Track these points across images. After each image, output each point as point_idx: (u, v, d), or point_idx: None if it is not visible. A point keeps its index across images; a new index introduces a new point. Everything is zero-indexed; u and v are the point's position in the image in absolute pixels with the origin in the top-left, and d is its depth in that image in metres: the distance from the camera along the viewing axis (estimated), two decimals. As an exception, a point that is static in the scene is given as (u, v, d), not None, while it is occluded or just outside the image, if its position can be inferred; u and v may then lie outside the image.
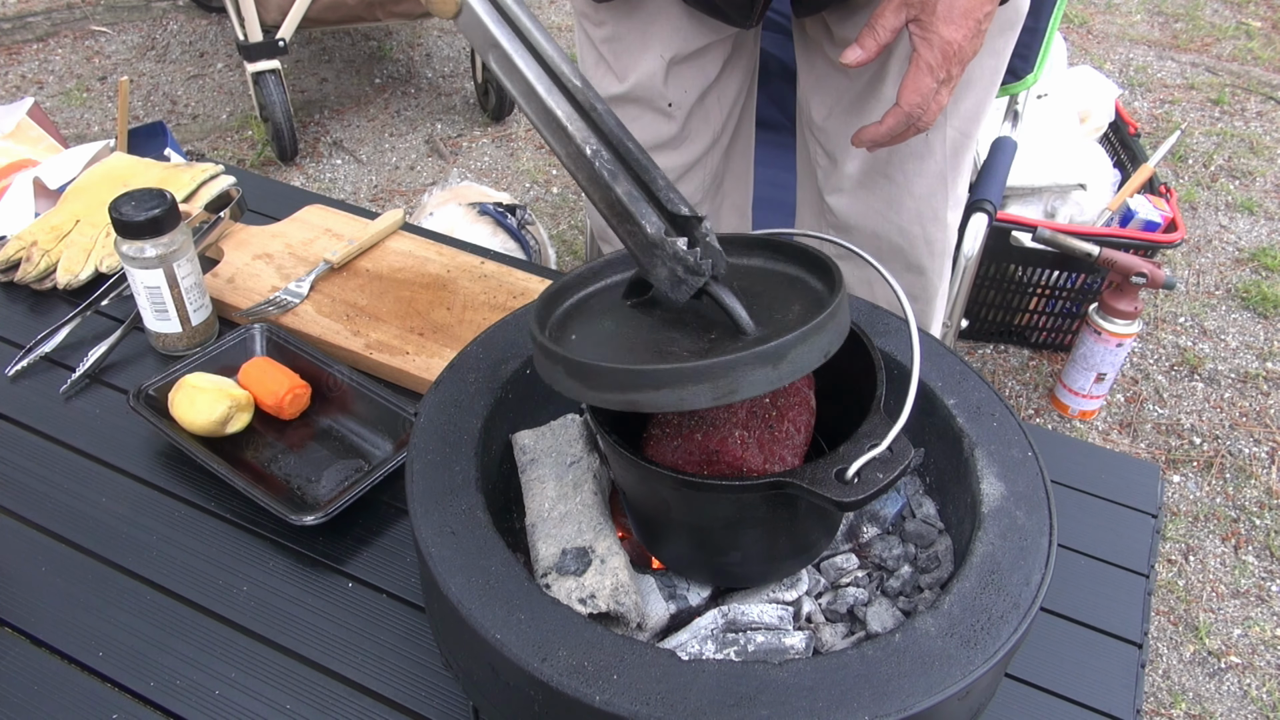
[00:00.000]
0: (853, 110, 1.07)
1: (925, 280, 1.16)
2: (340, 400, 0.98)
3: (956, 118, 1.04)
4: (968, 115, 1.06)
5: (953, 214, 1.12)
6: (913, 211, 1.09)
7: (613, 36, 1.11)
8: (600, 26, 1.12)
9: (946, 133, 1.05)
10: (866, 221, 1.12)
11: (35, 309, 1.12)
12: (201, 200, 1.21)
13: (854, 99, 1.06)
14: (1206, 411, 2.14)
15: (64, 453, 0.94)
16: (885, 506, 0.73)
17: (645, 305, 0.63)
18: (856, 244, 1.12)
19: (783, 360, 0.53)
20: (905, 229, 1.11)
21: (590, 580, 0.63)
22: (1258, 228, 2.70)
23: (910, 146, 1.04)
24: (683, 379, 0.52)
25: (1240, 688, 1.63)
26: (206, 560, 0.85)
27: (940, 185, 1.08)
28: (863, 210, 1.11)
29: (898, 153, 1.05)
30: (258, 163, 2.83)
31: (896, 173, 1.07)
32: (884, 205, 1.10)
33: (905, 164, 1.06)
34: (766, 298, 0.62)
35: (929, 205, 1.09)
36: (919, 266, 1.14)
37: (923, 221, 1.10)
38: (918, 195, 1.08)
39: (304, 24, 2.62)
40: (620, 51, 1.12)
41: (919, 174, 1.07)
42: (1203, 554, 1.85)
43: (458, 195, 2.05)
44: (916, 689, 0.53)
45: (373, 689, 0.76)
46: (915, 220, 1.10)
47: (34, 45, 3.34)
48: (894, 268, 1.13)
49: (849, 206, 1.12)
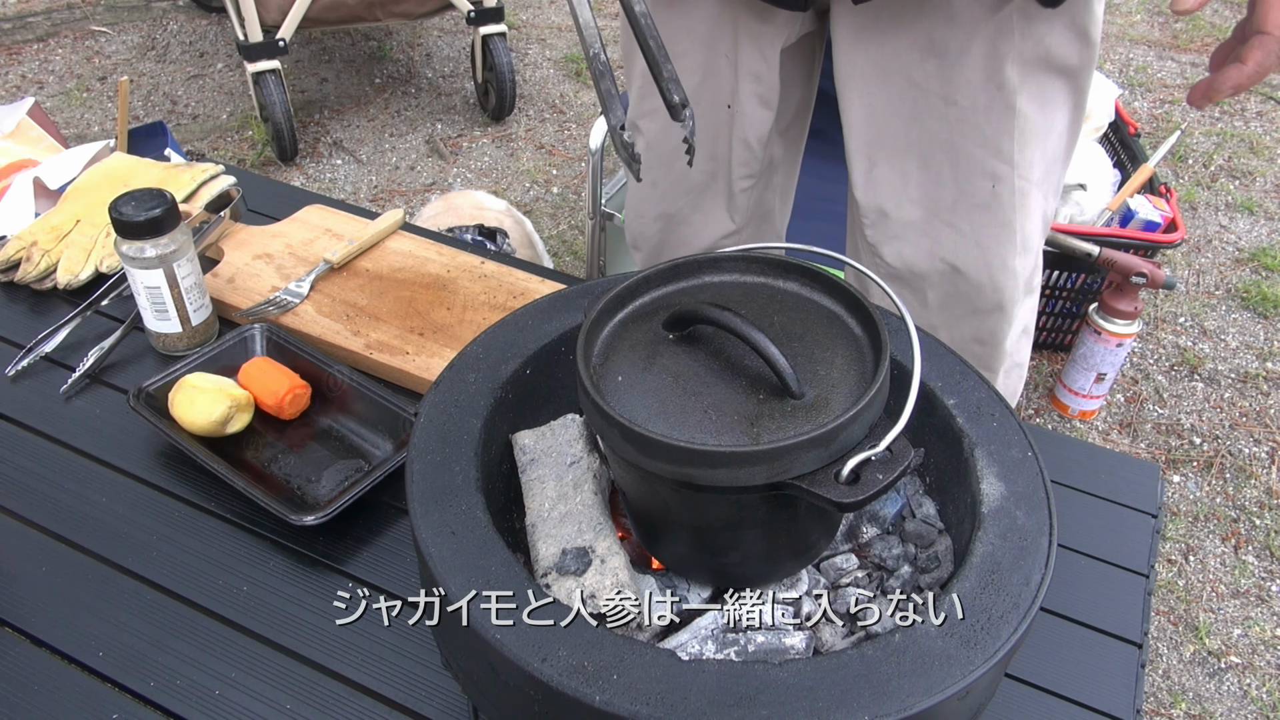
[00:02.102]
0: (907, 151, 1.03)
1: (992, 325, 1.13)
2: (340, 400, 0.98)
3: (1025, 168, 1.01)
4: (1036, 165, 1.02)
5: (1022, 262, 1.08)
6: (980, 261, 1.06)
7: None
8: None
9: (1015, 183, 1.02)
10: (930, 268, 1.09)
11: (35, 309, 1.12)
12: (201, 200, 1.21)
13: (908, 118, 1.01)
14: (1206, 411, 2.14)
15: (64, 453, 0.94)
16: (885, 507, 0.73)
17: (688, 341, 0.63)
18: (917, 289, 1.11)
19: (834, 441, 0.56)
20: (972, 278, 1.08)
21: (590, 580, 0.63)
22: (1258, 228, 2.70)
23: (976, 197, 1.02)
24: (740, 461, 0.55)
25: (1240, 688, 1.63)
26: (206, 560, 0.85)
27: (1009, 235, 1.05)
28: (925, 257, 1.08)
29: (963, 202, 1.03)
30: (258, 163, 2.83)
31: (963, 222, 1.04)
32: (949, 253, 1.07)
33: (972, 214, 1.04)
34: (808, 341, 0.62)
35: (996, 254, 1.06)
36: (985, 311, 1.11)
37: (990, 270, 1.07)
38: (984, 245, 1.05)
39: (304, 24, 2.62)
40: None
41: (986, 224, 1.04)
42: (1203, 554, 1.85)
43: (451, 206, 2.05)
44: (916, 689, 0.53)
45: (373, 689, 0.76)
46: (983, 269, 1.07)
47: (34, 45, 3.34)
48: (959, 312, 1.11)
49: (911, 254, 1.09)
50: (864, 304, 0.63)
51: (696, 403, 0.59)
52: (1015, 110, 0.97)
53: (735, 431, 0.57)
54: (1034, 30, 0.94)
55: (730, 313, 0.59)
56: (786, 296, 0.66)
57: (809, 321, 0.64)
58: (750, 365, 0.61)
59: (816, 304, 0.65)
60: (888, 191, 1.06)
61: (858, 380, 0.59)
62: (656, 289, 0.67)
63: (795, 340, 0.62)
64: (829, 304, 0.65)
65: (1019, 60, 0.95)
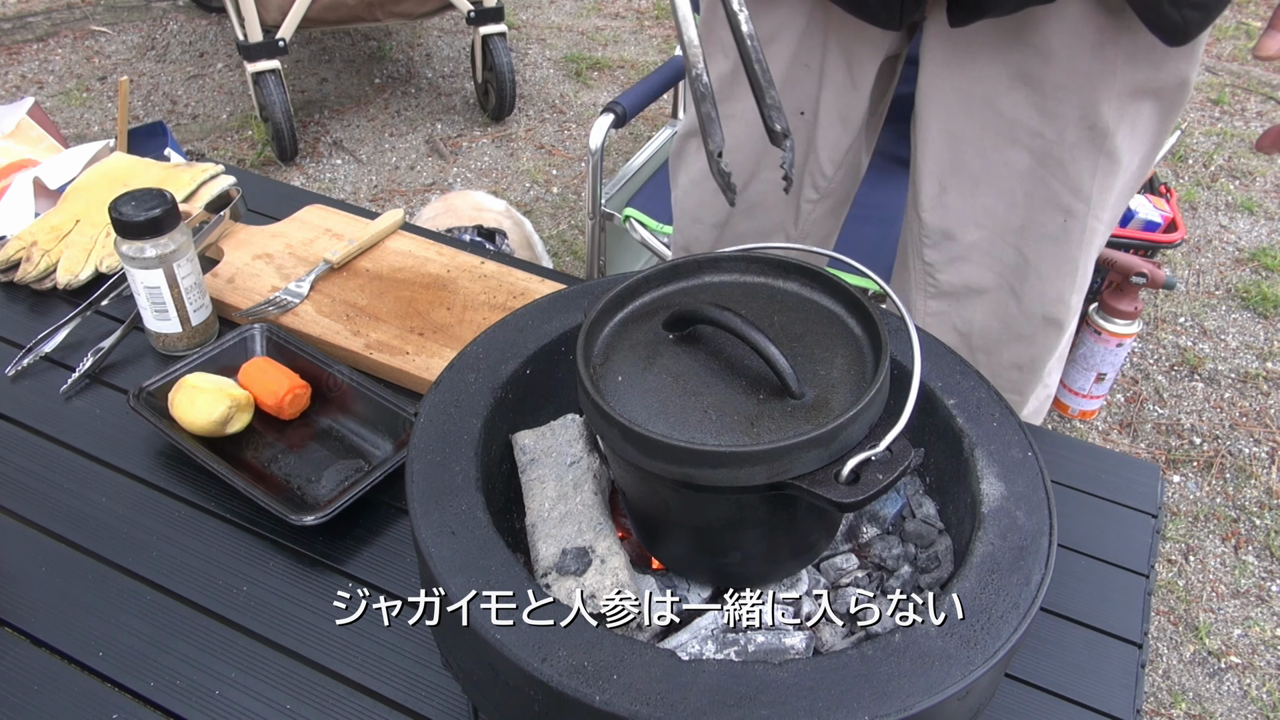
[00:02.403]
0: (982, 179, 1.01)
1: (1034, 353, 1.12)
2: (340, 400, 0.98)
3: (1100, 207, 1.00)
4: (1110, 206, 1.01)
5: (1076, 298, 1.08)
6: (1037, 290, 1.06)
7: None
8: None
9: (1087, 221, 1.01)
10: (985, 291, 1.08)
11: (35, 309, 1.12)
12: (201, 200, 1.21)
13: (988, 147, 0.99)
14: (1206, 411, 2.14)
15: (64, 453, 0.94)
16: (885, 507, 0.73)
17: (688, 340, 0.63)
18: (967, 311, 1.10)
19: (834, 441, 0.56)
20: (1026, 305, 1.07)
21: (590, 580, 0.63)
22: (1258, 228, 2.70)
23: (1046, 228, 1.01)
24: (740, 461, 0.55)
25: (1240, 688, 1.63)
26: (206, 560, 0.85)
27: (1070, 269, 1.04)
28: (983, 279, 1.07)
29: (1031, 231, 1.02)
30: (258, 163, 2.83)
31: (1028, 250, 1.03)
32: (1009, 278, 1.06)
33: (1039, 244, 1.03)
34: (808, 341, 0.62)
35: (1054, 286, 1.05)
36: (1029, 338, 1.10)
37: (1045, 301, 1.06)
38: (1045, 275, 1.04)
39: (304, 24, 2.62)
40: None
41: (1050, 256, 1.03)
42: (1203, 554, 1.85)
43: (450, 207, 2.05)
44: (916, 689, 0.53)
45: (373, 689, 0.76)
46: (1038, 299, 1.06)
47: (34, 45, 3.34)
48: (1004, 337, 1.10)
49: (970, 274, 1.08)
50: (864, 304, 0.63)
51: (696, 403, 0.59)
52: (1103, 151, 0.95)
53: (735, 431, 0.57)
54: (1136, 73, 0.91)
55: (730, 313, 0.59)
56: (786, 296, 0.66)
57: (809, 321, 0.64)
58: (750, 365, 0.61)
59: (816, 304, 0.65)
60: (956, 216, 1.05)
61: (858, 380, 0.59)
62: (656, 289, 0.67)
63: (795, 340, 0.62)
64: (829, 304, 0.65)
65: (1115, 102, 0.92)
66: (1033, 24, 0.90)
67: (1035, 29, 0.91)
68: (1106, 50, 0.89)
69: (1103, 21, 0.88)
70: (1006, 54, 0.93)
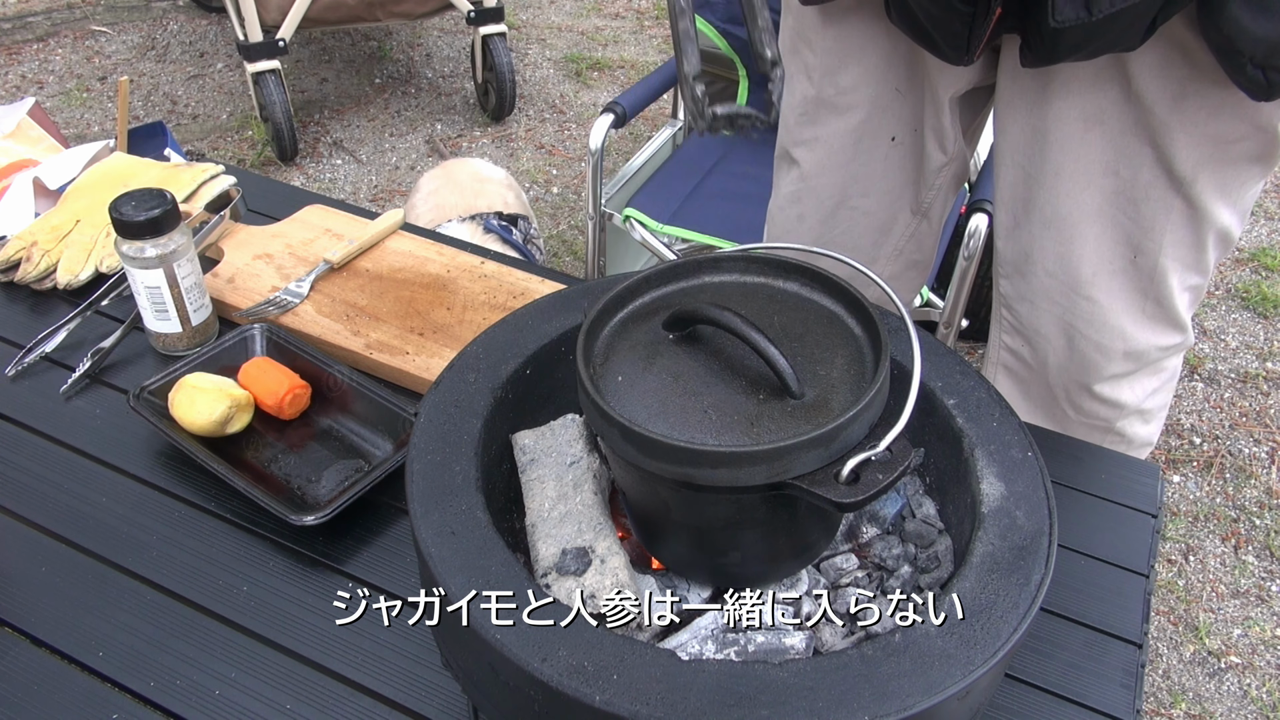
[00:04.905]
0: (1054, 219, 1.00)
1: (1113, 390, 1.11)
2: (340, 400, 0.98)
3: (1174, 248, 0.98)
4: (1187, 246, 0.99)
5: (1148, 334, 1.06)
6: (1105, 326, 1.05)
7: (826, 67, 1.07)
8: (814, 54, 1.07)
9: (1157, 260, 0.99)
10: (1050, 335, 1.08)
11: (35, 309, 1.12)
12: (201, 200, 1.21)
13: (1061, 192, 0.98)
14: (1206, 411, 2.14)
15: (64, 453, 0.94)
16: (885, 507, 0.73)
17: (688, 340, 0.63)
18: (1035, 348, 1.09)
19: (834, 441, 0.56)
20: (1100, 343, 1.06)
21: (590, 580, 0.63)
22: (1258, 228, 2.70)
23: (1114, 264, 1.00)
24: (740, 461, 0.55)
25: (1240, 688, 1.63)
26: (206, 560, 0.85)
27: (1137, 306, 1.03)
28: (1049, 324, 1.07)
29: (1101, 270, 1.01)
30: (258, 163, 2.83)
31: (1099, 294, 1.02)
32: (1079, 322, 1.05)
33: (1109, 281, 1.01)
34: (808, 342, 0.62)
35: (1118, 322, 1.04)
36: (1107, 376, 1.10)
37: (1115, 337, 1.05)
38: (1113, 311, 1.03)
39: (304, 24, 2.62)
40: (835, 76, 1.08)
41: (1118, 291, 1.02)
42: (1203, 554, 1.85)
43: (450, 176, 2.01)
44: (916, 689, 0.53)
45: (373, 689, 0.76)
46: (1110, 336, 1.06)
47: (34, 45, 3.34)
48: (1080, 378, 1.10)
49: (1038, 319, 1.08)
50: (864, 304, 0.63)
51: (696, 403, 0.59)
52: (1179, 195, 0.94)
53: (735, 431, 0.57)
54: (1219, 126, 0.89)
55: (730, 313, 0.59)
56: (786, 296, 0.66)
57: (809, 321, 0.64)
58: (750, 365, 0.61)
59: (816, 304, 0.65)
60: (1026, 254, 1.05)
61: (858, 380, 0.59)
62: (656, 289, 0.67)
63: (795, 340, 0.62)
64: (829, 304, 0.65)
65: (1194, 150, 0.90)
66: (1110, 69, 0.88)
67: (1113, 75, 0.89)
68: (1189, 101, 0.87)
69: (1185, 72, 0.85)
70: (1083, 95, 0.91)
